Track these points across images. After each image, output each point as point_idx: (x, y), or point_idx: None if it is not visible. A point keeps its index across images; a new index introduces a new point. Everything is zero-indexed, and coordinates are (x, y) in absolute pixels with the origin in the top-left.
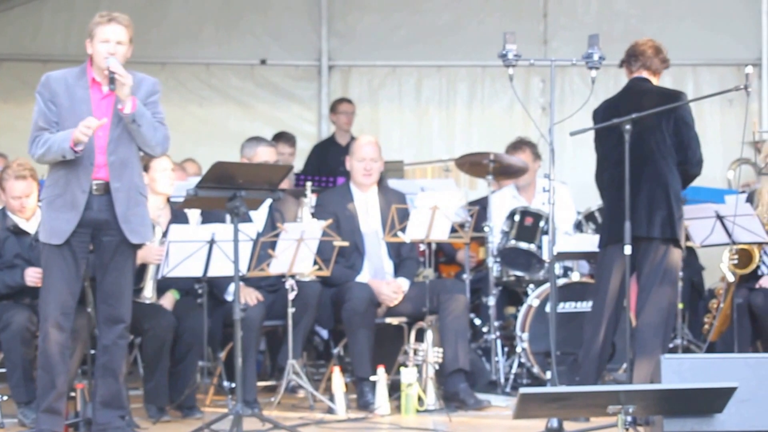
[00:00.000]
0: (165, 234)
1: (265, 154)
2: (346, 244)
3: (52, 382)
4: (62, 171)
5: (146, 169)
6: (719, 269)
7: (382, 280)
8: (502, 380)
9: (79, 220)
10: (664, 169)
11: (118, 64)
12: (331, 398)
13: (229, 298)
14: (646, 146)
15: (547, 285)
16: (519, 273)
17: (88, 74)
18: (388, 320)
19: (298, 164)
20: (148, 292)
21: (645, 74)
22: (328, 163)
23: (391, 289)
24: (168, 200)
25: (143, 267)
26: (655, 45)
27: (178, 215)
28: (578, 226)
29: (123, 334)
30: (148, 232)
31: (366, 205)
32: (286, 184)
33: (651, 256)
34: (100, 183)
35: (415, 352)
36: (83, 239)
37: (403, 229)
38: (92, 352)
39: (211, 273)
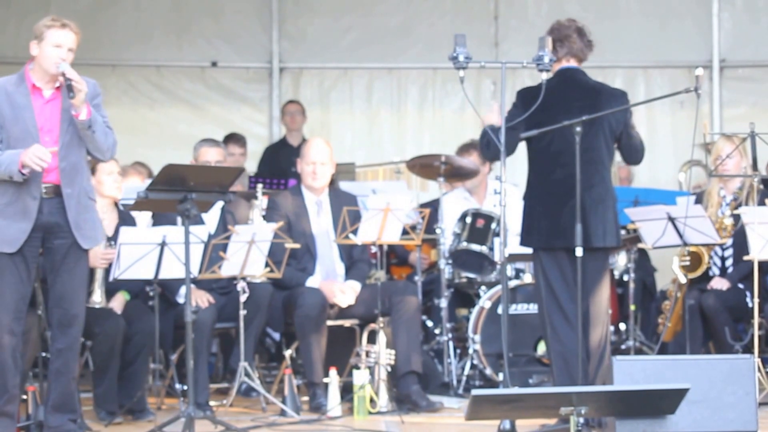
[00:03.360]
0: (112, 238)
1: (209, 154)
2: (297, 246)
3: (5, 386)
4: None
5: (93, 172)
6: (671, 271)
7: (334, 281)
8: (455, 382)
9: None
10: (609, 174)
11: (73, 70)
12: (284, 400)
13: (181, 300)
14: (596, 150)
15: (499, 287)
16: (471, 275)
17: (27, 80)
18: (340, 322)
19: (251, 166)
20: (97, 297)
21: (573, 62)
22: (280, 165)
23: (345, 296)
24: (116, 203)
25: (91, 271)
26: (578, 26)
27: (126, 218)
28: None
29: (77, 336)
30: (98, 236)
31: (317, 207)
32: (239, 187)
33: (599, 264)
34: (50, 186)
35: (367, 354)
36: (34, 244)
37: (354, 231)
38: (43, 354)
39: (162, 275)
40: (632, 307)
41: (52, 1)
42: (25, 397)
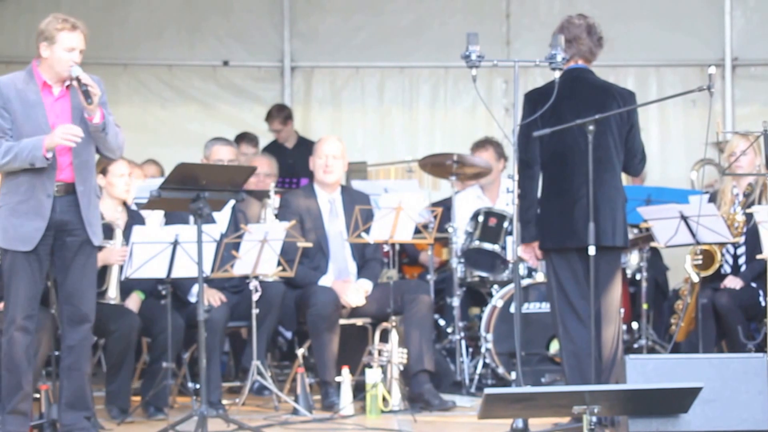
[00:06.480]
0: (124, 236)
1: (220, 153)
2: (309, 245)
3: (19, 384)
4: (24, 177)
5: (104, 172)
6: (684, 269)
7: (346, 280)
8: (467, 381)
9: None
10: (619, 173)
11: (85, 74)
12: (296, 399)
13: (193, 299)
14: (605, 149)
15: (512, 285)
16: (483, 274)
17: (37, 77)
18: (353, 321)
19: None
20: (112, 293)
21: (581, 62)
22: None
23: (356, 295)
24: (124, 203)
25: (105, 268)
26: (589, 24)
27: (135, 217)
28: None
29: (88, 334)
30: (102, 233)
31: (330, 205)
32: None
33: (610, 263)
34: (61, 184)
35: (380, 352)
36: (47, 242)
37: (367, 230)
38: (56, 353)
39: (174, 274)
40: (645, 306)
41: (62, 0)
42: (38, 395)
